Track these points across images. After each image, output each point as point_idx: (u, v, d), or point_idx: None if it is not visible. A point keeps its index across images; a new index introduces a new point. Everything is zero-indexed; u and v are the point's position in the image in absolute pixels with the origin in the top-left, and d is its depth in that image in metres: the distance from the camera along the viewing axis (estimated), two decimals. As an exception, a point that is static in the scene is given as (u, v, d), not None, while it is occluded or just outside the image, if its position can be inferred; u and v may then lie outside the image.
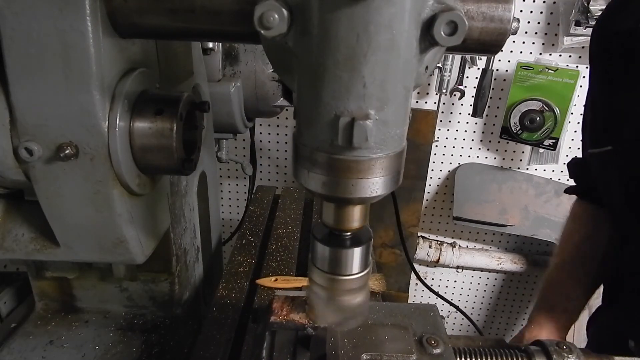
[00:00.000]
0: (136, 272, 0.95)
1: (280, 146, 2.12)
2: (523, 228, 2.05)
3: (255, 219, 1.40)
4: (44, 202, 0.67)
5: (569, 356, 0.66)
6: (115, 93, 0.62)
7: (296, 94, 0.48)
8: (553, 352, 0.66)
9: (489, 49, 0.55)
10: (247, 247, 1.25)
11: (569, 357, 0.66)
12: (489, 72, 1.83)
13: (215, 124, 1.22)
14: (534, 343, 0.70)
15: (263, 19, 0.40)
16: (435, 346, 0.63)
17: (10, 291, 1.11)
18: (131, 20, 0.59)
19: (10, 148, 0.63)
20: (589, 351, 0.68)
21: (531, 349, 0.68)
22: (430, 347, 0.63)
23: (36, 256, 0.74)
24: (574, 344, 0.68)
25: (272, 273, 1.11)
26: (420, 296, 2.40)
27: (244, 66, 1.22)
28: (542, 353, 0.67)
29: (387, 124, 0.44)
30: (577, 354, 0.66)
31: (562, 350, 0.66)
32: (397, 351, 0.62)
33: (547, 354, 0.67)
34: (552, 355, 0.66)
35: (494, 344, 0.72)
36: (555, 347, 0.67)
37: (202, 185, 1.12)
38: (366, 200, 0.49)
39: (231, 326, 0.92)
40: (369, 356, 0.61)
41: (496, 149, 2.05)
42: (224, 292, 1.04)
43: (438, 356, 0.63)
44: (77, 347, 0.92)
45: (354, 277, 0.54)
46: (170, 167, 0.69)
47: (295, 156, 0.50)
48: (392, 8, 0.39)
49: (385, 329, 0.66)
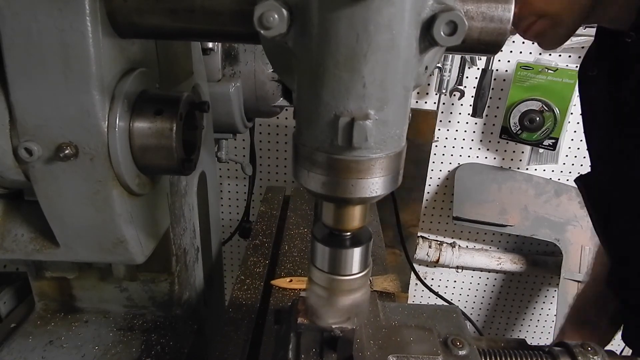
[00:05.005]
0: (136, 272, 0.95)
1: (280, 146, 2.12)
2: (523, 228, 2.06)
3: (266, 219, 1.41)
4: (44, 202, 0.67)
5: (594, 357, 0.65)
6: (115, 93, 0.62)
7: (296, 94, 0.48)
8: (578, 354, 0.66)
9: (488, 49, 0.56)
10: (261, 248, 1.26)
11: (594, 358, 0.65)
12: (488, 72, 1.83)
13: (215, 124, 1.22)
14: (558, 345, 0.70)
15: (263, 19, 0.40)
16: (460, 347, 0.63)
17: (10, 291, 1.11)
18: (131, 20, 0.59)
19: (10, 148, 0.63)
20: (614, 352, 0.68)
21: (556, 351, 0.67)
22: (456, 348, 0.63)
23: (36, 256, 0.74)
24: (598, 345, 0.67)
25: (287, 274, 1.11)
26: (420, 296, 2.40)
27: (244, 66, 1.22)
28: (566, 354, 0.67)
29: (387, 124, 0.44)
30: (602, 356, 0.65)
31: (587, 352, 0.66)
32: (424, 352, 0.62)
33: (571, 355, 0.66)
34: (577, 356, 0.65)
35: (516, 345, 0.71)
36: (580, 348, 0.66)
37: (202, 185, 1.12)
38: (366, 200, 0.49)
39: (248, 327, 0.93)
40: (395, 358, 0.62)
41: (496, 149, 2.06)
42: (239, 293, 1.04)
43: (464, 357, 0.63)
44: (77, 347, 0.92)
45: (353, 277, 0.54)
46: (170, 167, 0.69)
47: (295, 156, 0.50)
48: (391, 8, 0.39)
49: (410, 331, 0.66)
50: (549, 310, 2.38)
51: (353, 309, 0.56)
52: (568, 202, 2.03)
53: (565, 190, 2.03)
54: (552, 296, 2.33)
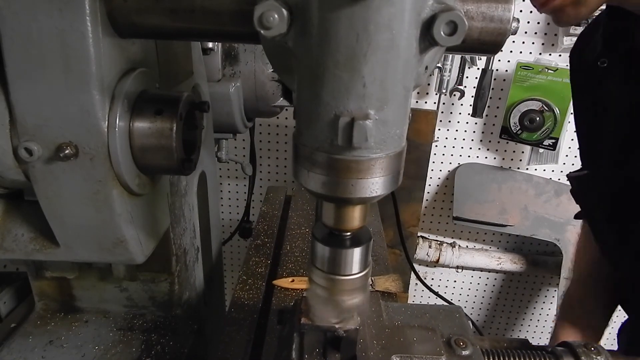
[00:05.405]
0: (136, 272, 0.95)
1: (280, 146, 2.12)
2: (523, 228, 2.06)
3: (268, 219, 1.41)
4: (44, 202, 0.67)
5: (597, 357, 0.65)
6: (115, 93, 0.62)
7: (296, 94, 0.48)
8: (581, 354, 0.65)
9: (488, 49, 0.56)
10: (262, 248, 1.25)
11: (597, 358, 0.65)
12: (488, 72, 1.83)
13: (215, 124, 1.22)
14: (561, 344, 0.70)
15: (263, 19, 0.40)
16: (463, 347, 0.64)
17: (10, 291, 1.11)
18: (131, 20, 0.59)
19: (10, 148, 0.63)
20: (618, 353, 0.67)
21: (559, 351, 0.67)
22: (459, 348, 0.63)
23: (36, 256, 0.74)
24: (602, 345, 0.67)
25: (289, 274, 1.11)
26: (420, 296, 2.40)
27: (244, 66, 1.22)
28: (570, 354, 0.67)
29: (387, 124, 0.44)
30: (605, 356, 0.65)
31: (590, 352, 0.66)
32: (427, 352, 0.62)
33: (574, 355, 0.66)
34: (581, 356, 0.65)
35: (519, 345, 0.71)
36: (583, 348, 0.66)
37: (202, 185, 1.12)
38: (366, 200, 0.49)
39: (250, 327, 0.93)
40: (399, 358, 0.62)
41: (496, 149, 2.05)
42: (241, 293, 1.04)
43: (467, 357, 0.63)
44: (77, 347, 0.92)
45: (353, 277, 0.54)
46: (170, 167, 0.69)
47: (295, 156, 0.50)
48: (391, 8, 0.39)
49: (413, 331, 0.66)
50: (549, 310, 2.38)
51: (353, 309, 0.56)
52: (568, 202, 2.03)
53: (565, 190, 2.02)
54: (552, 296, 2.33)
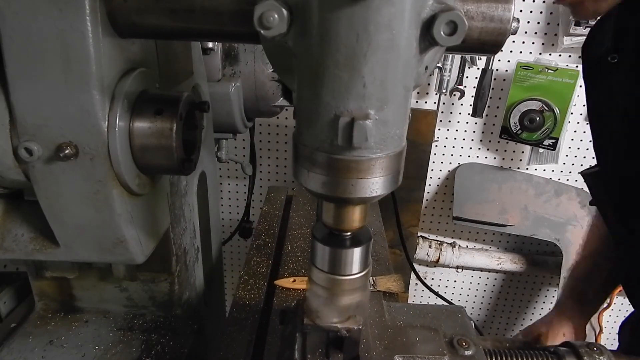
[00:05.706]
0: (136, 272, 0.95)
1: (280, 146, 2.12)
2: (523, 228, 2.06)
3: (269, 219, 1.41)
4: (44, 202, 0.67)
5: (599, 357, 0.65)
6: (115, 93, 0.62)
7: (296, 94, 0.48)
8: (584, 354, 0.66)
9: (488, 49, 0.56)
10: (263, 248, 1.25)
11: (599, 358, 0.65)
12: (488, 72, 1.83)
13: (215, 124, 1.22)
14: (563, 344, 0.70)
15: (263, 19, 0.40)
16: (466, 347, 0.64)
17: (10, 291, 1.11)
18: (131, 20, 0.59)
19: (10, 148, 0.63)
20: (620, 353, 0.68)
21: (562, 351, 0.68)
22: (462, 348, 0.64)
23: (36, 256, 0.74)
24: (604, 345, 0.67)
25: (290, 274, 1.11)
26: (420, 296, 2.40)
27: (244, 66, 1.22)
28: (572, 354, 0.67)
29: (387, 124, 0.44)
30: (607, 356, 0.65)
31: (593, 352, 0.66)
32: (430, 353, 0.62)
33: (577, 355, 0.66)
34: (583, 356, 0.65)
35: (521, 344, 0.71)
36: (586, 348, 0.66)
37: (202, 185, 1.12)
38: (366, 200, 0.49)
39: (252, 327, 0.93)
40: (401, 358, 0.62)
41: (496, 148, 2.05)
42: (242, 293, 1.04)
43: (470, 357, 0.63)
44: (77, 347, 0.92)
45: (353, 277, 0.54)
46: (170, 167, 0.69)
47: (295, 156, 0.50)
48: (391, 8, 0.39)
49: (416, 331, 0.66)
50: (549, 310, 2.37)
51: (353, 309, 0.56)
52: (568, 202, 2.03)
53: (565, 190, 2.03)
54: (552, 296, 2.33)
